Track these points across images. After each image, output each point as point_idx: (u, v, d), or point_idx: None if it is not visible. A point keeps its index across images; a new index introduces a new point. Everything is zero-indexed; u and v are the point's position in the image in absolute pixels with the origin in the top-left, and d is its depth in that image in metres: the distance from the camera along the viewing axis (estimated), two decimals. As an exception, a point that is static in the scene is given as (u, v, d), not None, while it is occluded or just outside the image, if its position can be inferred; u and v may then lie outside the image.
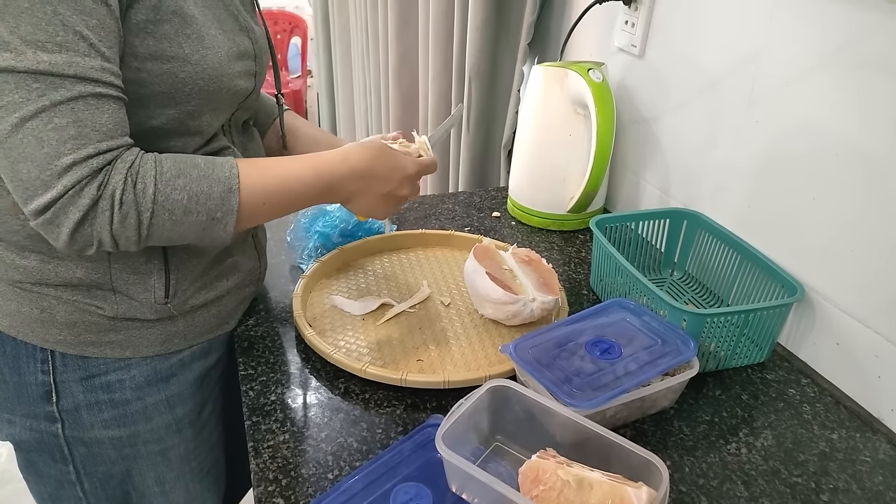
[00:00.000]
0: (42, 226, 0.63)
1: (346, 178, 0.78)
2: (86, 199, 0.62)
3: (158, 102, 0.69)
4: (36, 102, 0.59)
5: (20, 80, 0.59)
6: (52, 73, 0.59)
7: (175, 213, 0.67)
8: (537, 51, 1.49)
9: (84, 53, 0.60)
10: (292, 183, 0.74)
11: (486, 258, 0.92)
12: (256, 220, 0.75)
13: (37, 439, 0.82)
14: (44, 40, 0.58)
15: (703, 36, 1.01)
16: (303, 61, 4.07)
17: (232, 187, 0.69)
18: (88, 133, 0.62)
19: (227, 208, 0.69)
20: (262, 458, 0.71)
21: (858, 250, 0.80)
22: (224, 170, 0.70)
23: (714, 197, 1.03)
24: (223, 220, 0.70)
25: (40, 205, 0.62)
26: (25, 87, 0.59)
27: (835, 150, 0.81)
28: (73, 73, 0.60)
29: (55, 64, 0.59)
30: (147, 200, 0.65)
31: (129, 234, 0.65)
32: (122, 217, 0.64)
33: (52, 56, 0.59)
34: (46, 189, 0.61)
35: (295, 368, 0.84)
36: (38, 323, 0.76)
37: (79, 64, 0.60)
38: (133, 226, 0.65)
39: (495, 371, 0.79)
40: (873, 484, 0.71)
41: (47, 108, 0.60)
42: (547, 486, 0.59)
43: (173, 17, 0.67)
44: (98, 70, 0.61)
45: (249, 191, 0.71)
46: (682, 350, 0.76)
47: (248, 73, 0.78)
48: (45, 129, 0.60)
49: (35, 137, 0.60)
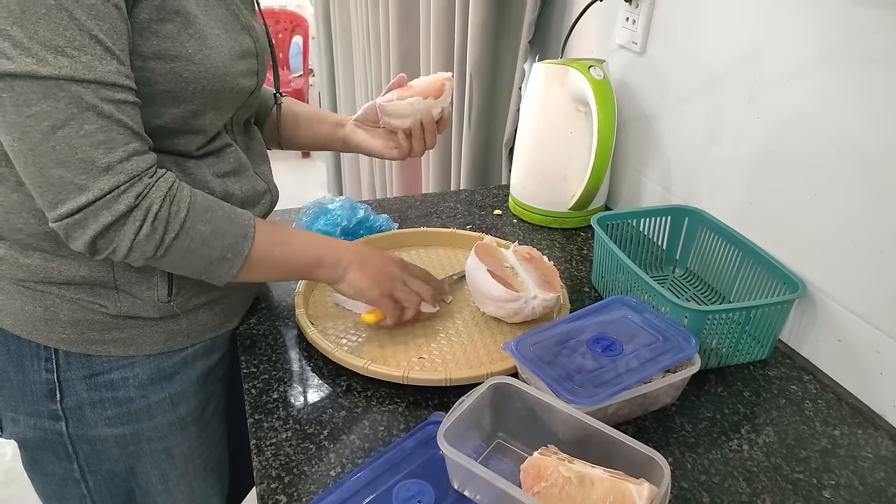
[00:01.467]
0: (67, 226, 0.65)
1: (339, 244, 0.84)
2: (122, 204, 0.65)
3: (162, 101, 0.70)
4: (65, 111, 0.61)
5: (46, 89, 0.60)
6: (73, 79, 0.60)
7: (195, 241, 0.70)
8: (538, 48, 1.49)
9: (101, 57, 0.61)
10: (296, 238, 0.81)
11: (487, 256, 0.92)
12: (258, 271, 0.78)
13: (41, 437, 0.82)
14: (62, 45, 0.59)
15: (704, 32, 1.01)
16: (304, 60, 4.08)
17: (248, 234, 0.74)
18: (115, 137, 0.64)
19: (238, 251, 0.74)
20: (265, 455, 0.71)
21: (860, 246, 0.80)
22: (244, 218, 0.75)
23: (715, 193, 1.03)
24: (231, 262, 0.74)
25: (73, 207, 0.63)
26: (52, 97, 0.60)
27: (836, 145, 0.81)
28: (94, 78, 0.61)
29: (76, 69, 0.60)
30: (177, 223, 0.68)
31: (147, 248, 0.68)
32: (151, 231, 0.67)
33: (73, 61, 0.60)
34: (80, 192, 0.63)
35: (297, 366, 0.84)
36: (41, 321, 0.76)
37: (97, 68, 0.61)
38: (156, 242, 0.68)
39: (497, 368, 0.79)
40: (875, 480, 0.71)
41: (76, 116, 0.61)
42: (549, 483, 0.59)
43: (175, 17, 0.67)
44: (115, 73, 0.63)
45: (261, 241, 0.75)
46: (684, 347, 0.76)
47: (251, 71, 0.78)
48: (76, 136, 0.62)
49: (67, 144, 0.62)
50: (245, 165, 0.83)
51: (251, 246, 0.74)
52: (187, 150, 0.75)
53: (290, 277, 0.83)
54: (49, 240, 0.72)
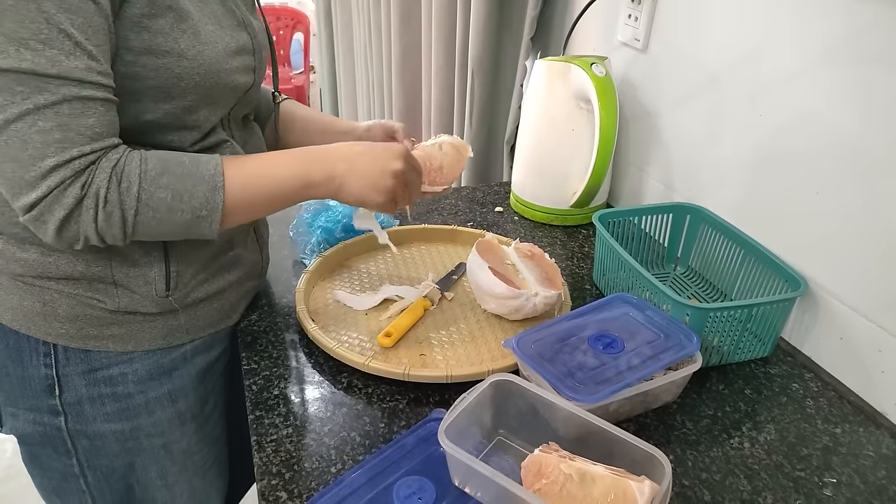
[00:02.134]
0: (29, 221, 0.65)
1: (328, 156, 0.76)
2: (69, 198, 0.63)
3: (153, 97, 0.69)
4: (20, 105, 0.59)
5: (4, 82, 0.59)
6: (35, 73, 0.59)
7: (159, 210, 0.67)
8: (540, 45, 1.48)
9: (69, 52, 0.60)
10: (277, 169, 0.73)
11: (488, 253, 0.92)
12: (244, 215, 0.74)
13: (40, 432, 0.82)
14: (27, 38, 0.58)
15: (707, 30, 1.00)
16: (305, 57, 4.07)
17: (216, 185, 0.69)
18: (73, 137, 0.62)
19: (211, 206, 0.69)
20: (266, 451, 0.71)
21: (862, 244, 0.80)
22: (209, 167, 0.69)
23: (717, 191, 1.03)
24: (208, 218, 0.70)
25: (26, 203, 0.63)
26: (9, 90, 0.59)
27: (838, 143, 0.81)
28: (57, 73, 0.60)
29: (39, 63, 0.59)
30: (131, 199, 0.66)
31: (114, 231, 0.67)
32: (107, 215, 0.65)
33: (36, 55, 0.59)
34: (31, 189, 0.62)
35: (298, 363, 0.84)
36: (40, 316, 0.76)
37: (62, 63, 0.60)
38: (118, 224, 0.66)
39: (498, 365, 0.79)
40: (876, 478, 0.71)
41: (31, 112, 0.60)
42: (550, 480, 0.59)
43: (168, 12, 0.66)
44: (83, 70, 0.61)
45: (235, 187, 0.70)
46: (685, 345, 0.76)
47: (247, 68, 0.77)
48: (29, 132, 0.60)
49: (19, 139, 0.60)
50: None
51: (223, 196, 0.69)
52: (181, 145, 0.74)
53: (286, 206, 0.76)
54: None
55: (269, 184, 0.73)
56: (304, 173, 0.74)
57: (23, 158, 0.61)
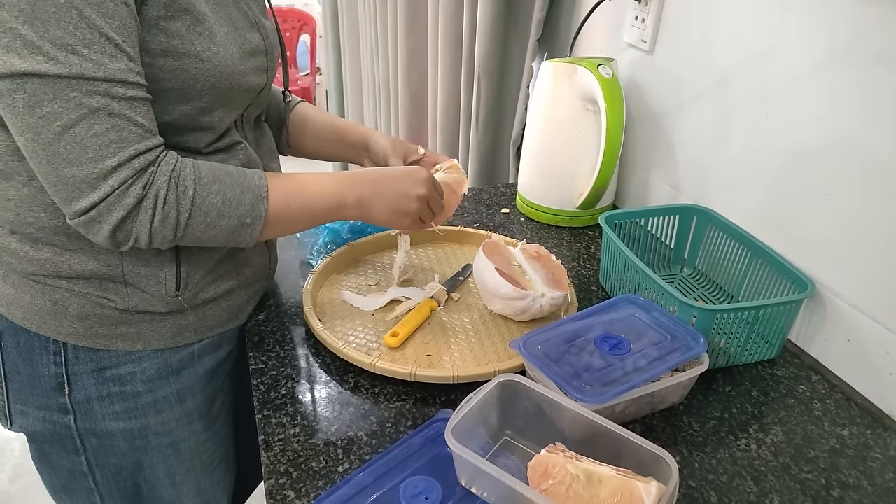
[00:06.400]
0: (84, 223, 0.66)
1: (354, 181, 0.80)
2: (131, 197, 0.66)
3: (170, 98, 0.70)
4: (75, 111, 0.61)
5: (57, 88, 0.60)
6: (84, 77, 0.61)
7: (210, 215, 0.70)
8: (546, 47, 1.49)
9: (111, 55, 0.62)
10: (315, 187, 0.78)
11: (495, 254, 0.92)
12: (281, 227, 0.78)
13: (49, 430, 0.83)
14: (73, 43, 0.60)
15: (714, 31, 1.00)
16: (312, 59, 4.08)
17: (261, 195, 0.73)
18: (127, 136, 0.64)
19: (255, 214, 0.73)
20: (273, 451, 0.71)
21: (870, 246, 0.80)
22: (255, 179, 0.74)
23: (724, 193, 1.03)
24: (252, 226, 0.74)
25: (86, 205, 0.64)
26: (63, 97, 0.61)
27: (845, 145, 0.81)
28: (104, 76, 0.62)
29: (86, 67, 0.60)
30: (187, 202, 0.69)
31: (166, 232, 0.69)
32: (164, 216, 0.68)
33: (83, 59, 0.60)
34: (92, 190, 0.64)
35: (305, 363, 0.84)
36: (50, 315, 0.77)
37: (108, 66, 0.62)
38: (171, 226, 0.69)
39: (504, 366, 0.79)
40: (884, 480, 0.71)
41: (87, 116, 0.62)
42: (556, 481, 0.59)
43: (184, 15, 0.67)
44: (125, 71, 0.63)
45: (278, 198, 0.75)
46: (692, 346, 0.76)
47: (260, 69, 0.78)
48: (87, 136, 0.62)
49: (78, 144, 0.62)
50: (255, 162, 0.83)
51: (267, 206, 0.74)
52: (196, 146, 0.75)
53: (319, 223, 0.82)
54: (59, 234, 0.73)
55: (307, 200, 0.78)
56: (339, 194, 0.79)
57: (83, 161, 0.63)
